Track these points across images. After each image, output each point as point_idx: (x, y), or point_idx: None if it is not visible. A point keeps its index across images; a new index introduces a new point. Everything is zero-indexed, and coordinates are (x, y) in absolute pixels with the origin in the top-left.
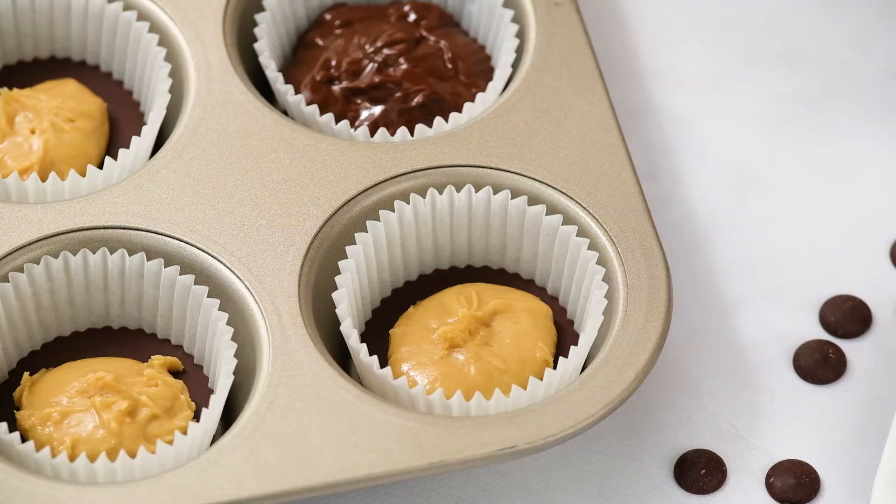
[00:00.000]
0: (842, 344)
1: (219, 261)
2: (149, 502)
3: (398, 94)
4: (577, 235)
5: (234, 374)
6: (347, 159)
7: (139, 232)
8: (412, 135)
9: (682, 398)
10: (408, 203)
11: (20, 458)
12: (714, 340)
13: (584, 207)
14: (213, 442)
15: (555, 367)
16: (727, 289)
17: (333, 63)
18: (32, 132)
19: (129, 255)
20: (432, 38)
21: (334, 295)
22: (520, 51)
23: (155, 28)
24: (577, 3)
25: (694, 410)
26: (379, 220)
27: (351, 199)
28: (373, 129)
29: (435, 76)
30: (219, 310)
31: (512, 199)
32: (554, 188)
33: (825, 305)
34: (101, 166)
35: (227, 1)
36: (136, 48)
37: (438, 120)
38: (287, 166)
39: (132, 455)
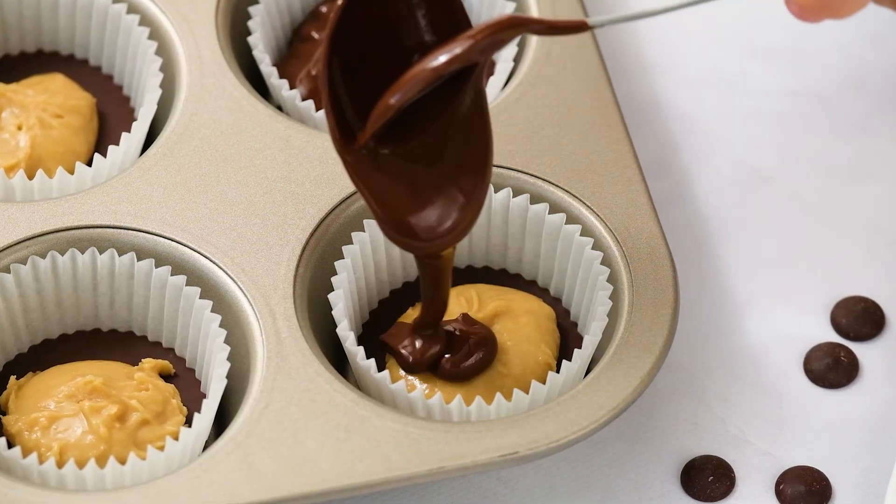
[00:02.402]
0: (854, 347)
1: (211, 261)
2: None
3: None
4: (581, 235)
5: (227, 377)
6: None
7: (129, 231)
8: None
9: (688, 403)
10: None
11: (6, 464)
12: (722, 343)
13: (587, 206)
14: (205, 448)
15: (558, 371)
16: (735, 290)
17: None
18: (19, 128)
19: (119, 254)
20: None
21: (331, 296)
22: (522, 44)
23: (145, 21)
24: None
25: (701, 415)
26: None
27: (348, 198)
28: None
29: None
30: (211, 311)
31: (514, 197)
32: (557, 186)
33: (836, 307)
34: (90, 163)
35: None
36: (126, 42)
37: None
38: (282, 163)
39: (122, 461)
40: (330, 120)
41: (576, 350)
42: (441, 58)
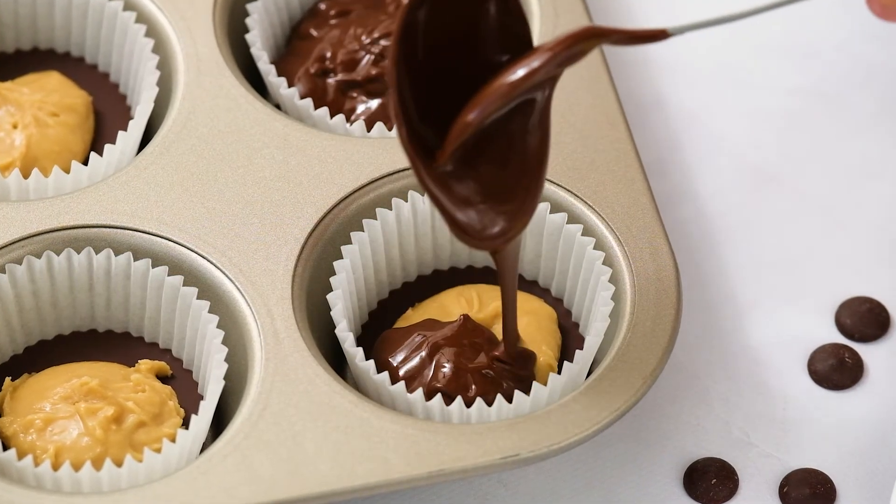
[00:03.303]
0: (858, 348)
1: (209, 261)
2: None
3: None
4: (583, 234)
5: (224, 379)
6: (343, 155)
7: (126, 231)
8: None
9: (691, 404)
10: (406, 201)
11: (1, 466)
12: (725, 344)
13: (589, 205)
14: (202, 450)
15: (559, 372)
16: (739, 290)
17: (328, 55)
18: (14, 127)
19: (116, 254)
20: None
21: (329, 297)
22: None
23: (142, 18)
24: None
25: (704, 417)
26: (376, 219)
27: (346, 197)
28: (369, 124)
29: None
30: (209, 312)
31: None
32: (558, 185)
33: (841, 308)
34: (86, 162)
35: None
36: (122, 39)
37: None
38: (280, 162)
39: (118, 464)
40: (403, 133)
41: (577, 351)
42: (519, 72)
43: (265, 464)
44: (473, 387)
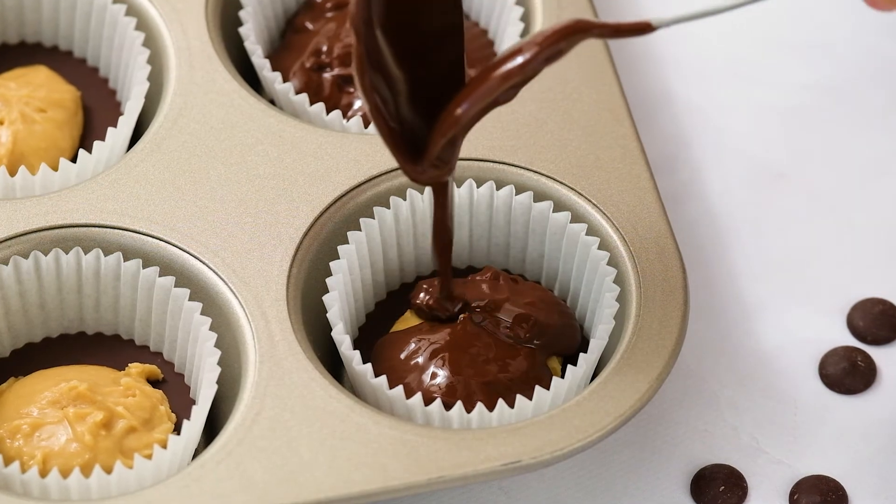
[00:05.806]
0: (871, 351)
1: (201, 261)
2: None
3: None
4: (587, 234)
5: (217, 383)
6: (339, 152)
7: (115, 230)
8: None
9: (699, 409)
10: (405, 199)
11: None
12: (734, 347)
13: (594, 204)
14: (195, 456)
15: (562, 376)
16: (748, 292)
17: (324, 49)
18: (1, 123)
19: (105, 255)
20: None
21: (325, 298)
22: (525, 35)
23: (132, 11)
24: None
25: (712, 422)
26: (373, 218)
27: (343, 195)
28: (367, 121)
29: None
30: (201, 314)
31: (516, 195)
32: (562, 183)
33: (853, 309)
34: (74, 160)
35: None
36: (112, 32)
37: None
38: (274, 160)
39: (108, 470)
40: (390, 140)
41: (581, 354)
42: (507, 67)
43: (259, 470)
44: (477, 402)
